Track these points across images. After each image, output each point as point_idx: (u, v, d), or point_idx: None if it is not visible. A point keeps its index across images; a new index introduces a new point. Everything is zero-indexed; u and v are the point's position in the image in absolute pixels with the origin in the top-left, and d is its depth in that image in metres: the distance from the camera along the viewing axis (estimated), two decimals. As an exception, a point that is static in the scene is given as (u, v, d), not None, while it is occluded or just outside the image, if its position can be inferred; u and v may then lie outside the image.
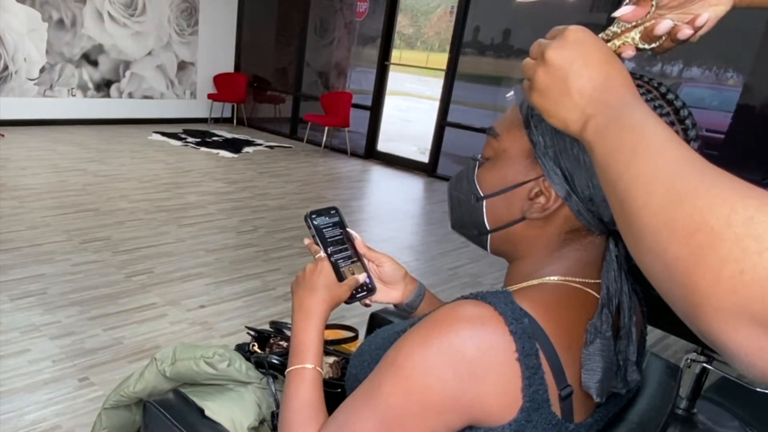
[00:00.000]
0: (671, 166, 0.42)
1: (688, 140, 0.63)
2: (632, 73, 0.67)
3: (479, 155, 0.75)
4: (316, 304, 0.81)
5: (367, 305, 0.92)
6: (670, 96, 0.64)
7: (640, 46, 0.60)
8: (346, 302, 0.85)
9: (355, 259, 0.88)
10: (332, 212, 0.90)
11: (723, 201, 0.37)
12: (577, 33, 0.53)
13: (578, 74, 0.52)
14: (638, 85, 0.64)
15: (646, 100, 0.62)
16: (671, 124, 0.62)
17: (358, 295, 0.87)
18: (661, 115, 0.62)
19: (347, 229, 0.90)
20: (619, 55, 0.59)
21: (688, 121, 0.63)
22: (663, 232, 0.40)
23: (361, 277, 0.87)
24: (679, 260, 0.38)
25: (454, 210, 0.79)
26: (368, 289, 0.88)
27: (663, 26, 0.57)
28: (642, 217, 0.42)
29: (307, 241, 0.89)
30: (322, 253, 0.85)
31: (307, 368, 0.77)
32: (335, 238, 0.88)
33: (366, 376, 0.66)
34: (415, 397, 0.60)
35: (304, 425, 0.72)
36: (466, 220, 0.77)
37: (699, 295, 0.37)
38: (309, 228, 0.87)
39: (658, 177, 0.41)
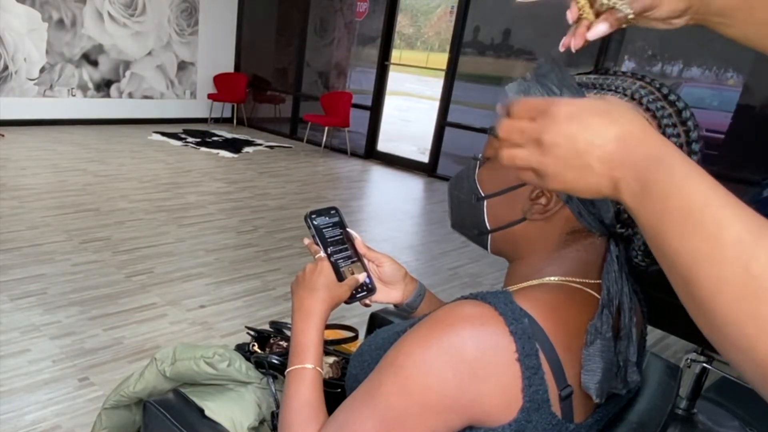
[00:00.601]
0: (737, 243, 0.36)
1: (690, 141, 0.63)
2: (633, 74, 0.67)
3: (480, 155, 0.75)
4: (316, 304, 0.81)
5: (367, 305, 0.92)
6: (672, 97, 0.63)
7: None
8: (346, 302, 0.85)
9: (355, 259, 0.88)
10: (332, 212, 0.90)
11: None
12: (564, 108, 0.48)
13: (589, 144, 0.46)
14: (640, 86, 0.64)
15: (648, 101, 0.62)
16: (673, 125, 0.62)
17: (358, 295, 0.87)
18: (663, 117, 0.62)
19: (347, 229, 0.90)
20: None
21: (690, 123, 0.63)
22: (750, 327, 0.34)
23: (361, 277, 0.87)
24: None
25: (455, 210, 0.79)
26: (368, 289, 0.88)
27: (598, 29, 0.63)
28: (717, 305, 0.36)
29: (307, 241, 0.89)
30: (322, 253, 0.85)
31: (307, 368, 0.77)
32: (335, 238, 0.88)
33: (366, 376, 0.66)
34: (415, 397, 0.60)
35: (304, 425, 0.72)
36: (466, 220, 0.77)
37: None
38: (309, 228, 0.87)
39: (725, 258, 0.36)
